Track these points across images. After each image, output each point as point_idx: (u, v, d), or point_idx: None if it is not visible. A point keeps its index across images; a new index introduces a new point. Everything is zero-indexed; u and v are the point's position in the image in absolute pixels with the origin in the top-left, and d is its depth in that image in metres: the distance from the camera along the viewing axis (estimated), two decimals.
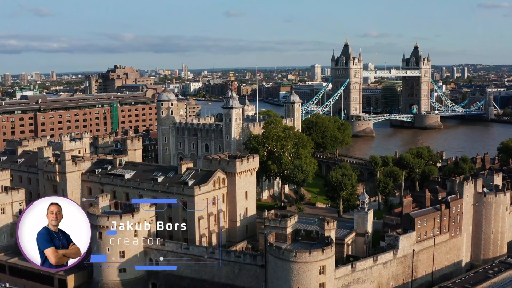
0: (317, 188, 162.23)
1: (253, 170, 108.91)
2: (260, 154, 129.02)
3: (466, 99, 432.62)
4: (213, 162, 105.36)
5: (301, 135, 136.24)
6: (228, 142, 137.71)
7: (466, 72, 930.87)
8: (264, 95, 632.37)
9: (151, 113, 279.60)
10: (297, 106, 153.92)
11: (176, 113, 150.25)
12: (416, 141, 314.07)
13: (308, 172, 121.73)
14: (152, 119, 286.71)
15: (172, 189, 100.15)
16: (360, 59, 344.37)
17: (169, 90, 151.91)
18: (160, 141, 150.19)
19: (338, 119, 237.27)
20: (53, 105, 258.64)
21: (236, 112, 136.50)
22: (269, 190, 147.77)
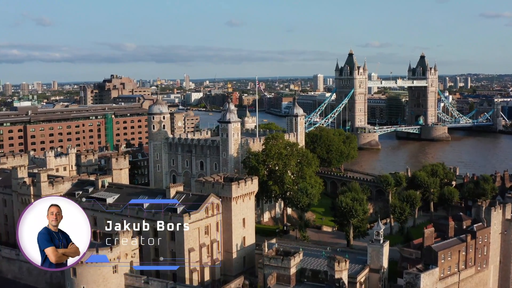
0: (322, 208, 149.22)
1: (251, 194, 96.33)
2: (260, 173, 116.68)
3: (473, 109, 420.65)
4: (206, 185, 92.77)
5: (306, 152, 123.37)
6: (224, 160, 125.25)
7: (469, 82, 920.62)
8: (266, 106, 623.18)
9: (147, 125, 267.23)
10: (300, 120, 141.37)
11: (169, 127, 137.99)
12: (424, 154, 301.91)
13: (313, 196, 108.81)
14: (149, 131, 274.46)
15: (158, 217, 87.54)
16: (365, 68, 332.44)
17: (161, 102, 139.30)
18: (151, 158, 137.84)
19: (343, 132, 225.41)
20: (44, 117, 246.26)
21: (234, 127, 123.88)
22: (270, 212, 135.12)
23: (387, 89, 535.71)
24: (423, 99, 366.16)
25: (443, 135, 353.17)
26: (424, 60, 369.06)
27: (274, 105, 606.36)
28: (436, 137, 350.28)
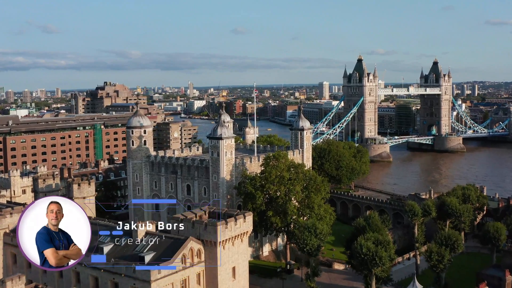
0: (332, 236, 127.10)
1: (244, 235, 74.48)
2: (258, 201, 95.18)
3: (487, 118, 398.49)
4: (184, 225, 70.98)
5: (313, 176, 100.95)
6: (215, 184, 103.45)
7: (476, 89, 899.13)
8: (270, 114, 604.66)
9: None
10: (307, 134, 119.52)
11: (151, 143, 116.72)
12: (438, 167, 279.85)
13: (324, 235, 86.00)
14: None
15: (120, 269, 66.05)
16: (375, 75, 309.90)
17: (141, 114, 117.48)
18: (130, 179, 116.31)
19: (354, 145, 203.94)
20: (26, 128, 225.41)
21: (226, 144, 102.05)
22: (271, 244, 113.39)
23: (393, 96, 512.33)
24: (436, 108, 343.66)
25: (458, 146, 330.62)
26: (437, 66, 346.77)
27: (279, 113, 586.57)
28: (450, 148, 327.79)
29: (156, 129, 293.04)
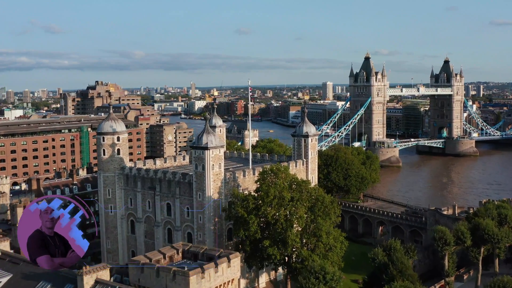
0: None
1: (228, 284, 55.37)
2: (251, 228, 76.31)
3: (499, 120, 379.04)
4: (145, 273, 52.03)
5: (321, 195, 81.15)
6: (200, 203, 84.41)
7: (481, 90, 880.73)
8: (272, 115, 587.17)
9: (131, 140, 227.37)
10: (312, 142, 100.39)
11: (126, 152, 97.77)
12: (452, 173, 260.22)
13: (336, 280, 65.96)
14: (133, 146, 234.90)
15: None
16: (384, 74, 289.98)
17: (115, 118, 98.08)
18: (101, 195, 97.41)
19: (363, 150, 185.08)
20: (6, 130, 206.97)
21: (214, 155, 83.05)
22: (269, 273, 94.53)
23: (397, 97, 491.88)
24: (447, 109, 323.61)
25: (471, 149, 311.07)
26: (449, 65, 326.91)
27: (281, 114, 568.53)
28: (462, 152, 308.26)
29: (149, 131, 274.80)
